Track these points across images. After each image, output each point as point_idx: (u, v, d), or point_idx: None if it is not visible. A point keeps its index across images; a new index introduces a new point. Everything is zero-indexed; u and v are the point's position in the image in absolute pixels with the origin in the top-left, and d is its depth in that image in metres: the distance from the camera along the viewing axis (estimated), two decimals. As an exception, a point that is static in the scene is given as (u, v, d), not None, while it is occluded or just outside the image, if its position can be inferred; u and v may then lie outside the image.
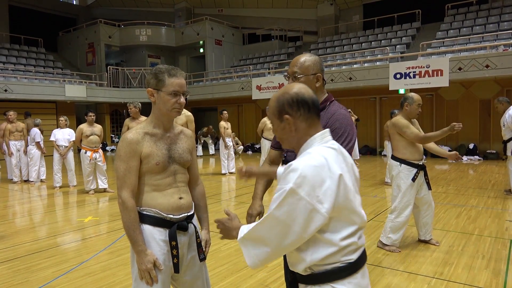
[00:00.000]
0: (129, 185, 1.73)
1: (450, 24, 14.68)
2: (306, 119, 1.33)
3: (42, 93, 15.15)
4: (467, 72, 10.74)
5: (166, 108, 1.78)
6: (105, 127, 18.25)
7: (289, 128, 1.34)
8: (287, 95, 1.34)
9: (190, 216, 1.89)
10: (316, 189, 1.18)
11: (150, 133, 1.81)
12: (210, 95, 16.87)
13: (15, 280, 3.34)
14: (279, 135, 1.40)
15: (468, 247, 3.88)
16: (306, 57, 1.90)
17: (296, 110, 1.32)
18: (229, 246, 4.08)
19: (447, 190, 6.84)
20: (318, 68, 1.89)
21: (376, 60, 13.50)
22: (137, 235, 1.72)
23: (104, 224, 5.25)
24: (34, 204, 6.74)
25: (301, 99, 1.33)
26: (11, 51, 18.21)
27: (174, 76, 1.77)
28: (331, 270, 1.26)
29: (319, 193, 1.18)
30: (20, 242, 4.45)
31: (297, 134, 1.35)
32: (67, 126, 8.09)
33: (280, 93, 1.38)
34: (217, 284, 3.13)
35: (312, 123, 1.34)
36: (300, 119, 1.33)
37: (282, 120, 1.34)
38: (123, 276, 3.34)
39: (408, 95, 3.84)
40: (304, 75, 1.87)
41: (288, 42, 20.41)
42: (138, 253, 1.72)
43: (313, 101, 1.34)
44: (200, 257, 1.90)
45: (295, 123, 1.33)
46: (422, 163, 3.85)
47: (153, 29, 19.93)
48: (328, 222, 1.22)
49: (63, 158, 7.96)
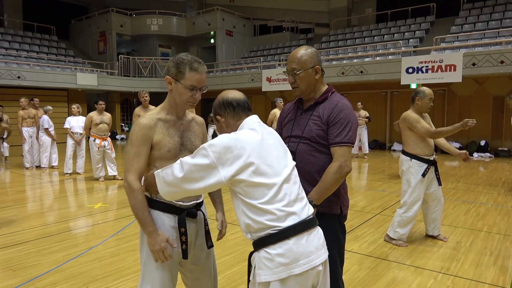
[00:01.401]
0: (136, 169, 1.74)
1: (465, 19, 14.41)
2: (232, 116, 1.66)
3: (54, 80, 15.30)
4: (481, 67, 10.55)
5: (180, 100, 1.79)
6: (115, 116, 18.41)
7: (221, 126, 1.70)
8: (221, 99, 1.69)
9: (199, 204, 1.91)
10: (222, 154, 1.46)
11: (163, 119, 1.82)
12: (220, 86, 16.86)
13: (26, 262, 3.41)
14: (220, 132, 1.68)
15: (476, 243, 3.86)
16: (302, 52, 1.94)
17: (224, 110, 1.67)
18: (236, 236, 4.11)
19: (457, 187, 6.78)
20: (315, 61, 1.93)
21: (388, 53, 13.34)
22: (146, 217, 1.72)
23: (113, 211, 5.32)
24: (45, 189, 6.86)
25: (227, 102, 1.66)
26: (24, 38, 18.38)
27: (195, 71, 1.74)
28: (264, 236, 1.45)
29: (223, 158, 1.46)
30: (31, 226, 4.54)
31: (229, 129, 1.66)
32: (79, 113, 8.17)
33: (219, 97, 1.71)
34: (224, 272, 3.17)
35: (236, 118, 1.66)
36: (229, 116, 1.66)
37: (218, 120, 1.69)
38: (131, 261, 3.40)
39: (420, 89, 3.79)
40: (303, 70, 1.92)
41: (299, 34, 20.26)
42: (150, 234, 1.71)
43: (236, 103, 1.66)
44: (208, 244, 1.92)
45: (227, 119, 1.67)
46: (433, 158, 3.81)
47: (164, 19, 19.92)
48: (244, 189, 1.46)
49: (78, 145, 8.06)
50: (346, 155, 1.86)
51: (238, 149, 1.47)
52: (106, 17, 19.78)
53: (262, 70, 15.43)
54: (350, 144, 1.87)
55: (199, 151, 1.51)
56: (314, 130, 1.91)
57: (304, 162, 1.92)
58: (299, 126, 1.98)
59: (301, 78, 1.93)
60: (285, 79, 14.13)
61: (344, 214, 2.00)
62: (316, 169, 1.91)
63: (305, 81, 1.94)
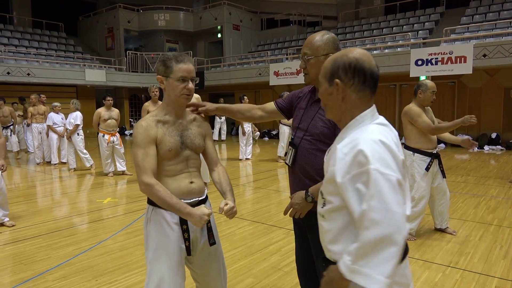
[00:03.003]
0: (148, 169, 1.73)
1: (476, 9, 14.14)
2: (358, 90, 1.22)
3: (63, 77, 15.43)
4: (492, 59, 10.37)
5: (175, 94, 1.80)
6: (123, 112, 18.52)
7: (337, 95, 1.24)
8: (345, 58, 1.23)
9: (202, 200, 1.91)
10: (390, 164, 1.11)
11: (162, 120, 1.83)
12: (227, 80, 16.84)
13: (37, 256, 3.47)
14: (325, 100, 1.29)
15: (486, 237, 3.82)
16: (318, 37, 1.79)
17: (351, 78, 1.21)
18: (243, 230, 4.13)
19: (467, 180, 6.70)
20: (330, 48, 1.76)
21: (397, 46, 13.17)
22: (177, 202, 1.70)
23: (122, 205, 5.37)
24: (55, 185, 6.95)
25: (360, 68, 1.21)
26: (33, 35, 18.55)
27: (182, 62, 1.78)
28: None
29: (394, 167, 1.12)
30: (42, 220, 4.60)
31: (345, 104, 1.24)
32: (77, 109, 8.17)
33: (339, 54, 1.26)
34: (231, 266, 3.18)
35: (363, 97, 1.23)
36: (351, 88, 1.22)
37: (332, 84, 1.24)
38: (140, 255, 3.43)
39: (422, 82, 3.76)
40: (314, 56, 1.78)
41: (307, 27, 20.09)
42: (190, 215, 1.70)
43: (372, 73, 1.22)
44: (210, 241, 1.90)
45: (345, 91, 1.22)
46: (436, 151, 3.78)
47: (171, 14, 19.91)
48: None
49: (68, 141, 8.11)
50: None
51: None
52: (114, 13, 19.84)
53: (270, 64, 15.36)
54: None
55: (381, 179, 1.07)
56: (319, 127, 1.77)
57: (305, 161, 1.80)
58: (306, 119, 1.85)
59: (311, 65, 1.80)
60: (293, 73, 14.07)
61: None
62: (316, 170, 1.76)
63: (315, 69, 1.77)
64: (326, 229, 1.26)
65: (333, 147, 1.27)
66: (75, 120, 8.02)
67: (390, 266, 1.04)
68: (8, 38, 17.03)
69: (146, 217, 1.90)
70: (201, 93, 13.99)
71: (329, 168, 1.21)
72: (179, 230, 1.82)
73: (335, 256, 1.23)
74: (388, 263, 1.04)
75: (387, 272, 1.04)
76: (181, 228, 1.82)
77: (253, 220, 4.48)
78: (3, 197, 4.42)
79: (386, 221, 1.04)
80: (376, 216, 1.04)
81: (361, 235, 1.08)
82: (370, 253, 1.05)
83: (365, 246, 1.06)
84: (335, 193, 1.19)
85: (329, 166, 1.23)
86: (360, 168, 1.10)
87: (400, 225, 1.04)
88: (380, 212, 1.04)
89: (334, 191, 1.19)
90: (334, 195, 1.20)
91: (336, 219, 1.22)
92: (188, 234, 1.82)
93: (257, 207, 5.10)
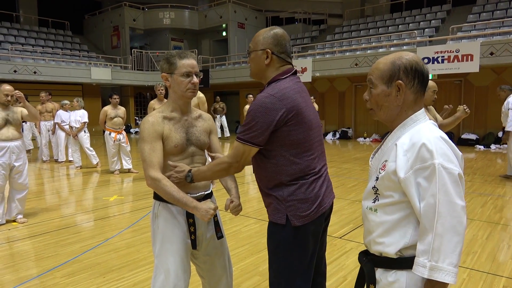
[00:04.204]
0: (155, 164, 1.76)
1: (483, 7, 14.03)
2: (416, 92, 1.27)
3: (69, 75, 15.52)
4: (499, 57, 10.28)
5: (180, 89, 1.82)
6: (129, 110, 18.60)
7: (396, 96, 1.27)
8: (405, 61, 1.26)
9: (207, 195, 1.93)
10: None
11: (168, 117, 1.85)
12: (232, 79, 16.84)
13: (45, 253, 3.50)
14: (380, 101, 1.30)
15: (493, 236, 3.80)
16: (262, 32, 1.73)
17: (411, 79, 1.25)
18: (249, 228, 4.14)
19: (473, 179, 6.66)
20: (269, 43, 1.68)
21: (403, 44, 13.10)
22: (183, 196, 1.73)
23: (128, 203, 5.40)
24: (62, 182, 7.00)
25: (420, 70, 1.25)
26: (39, 34, 18.66)
27: (185, 58, 1.82)
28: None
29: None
30: (49, 218, 4.64)
31: (402, 105, 1.28)
32: (81, 107, 8.20)
33: (395, 56, 1.28)
34: (237, 264, 3.19)
35: (419, 98, 1.28)
36: (412, 90, 1.26)
37: (391, 85, 1.26)
38: (147, 253, 3.45)
39: None
40: (253, 50, 1.73)
41: (312, 26, 20.04)
42: (196, 209, 1.72)
43: (426, 75, 1.28)
44: (218, 235, 1.94)
45: (406, 92, 1.26)
46: None
47: (176, 12, 19.94)
48: None
49: (74, 139, 8.16)
50: (238, 153, 1.63)
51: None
52: (119, 12, 19.91)
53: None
54: (245, 142, 1.60)
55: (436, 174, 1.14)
56: None
57: (254, 168, 1.76)
58: None
59: (251, 59, 1.75)
60: (298, 71, 14.02)
61: (294, 225, 1.60)
62: (264, 178, 1.69)
63: (254, 63, 1.74)
64: (378, 221, 1.30)
65: (388, 144, 1.31)
66: (82, 118, 8.07)
67: (456, 255, 1.12)
68: (14, 37, 17.15)
69: (153, 212, 1.92)
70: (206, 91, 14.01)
71: (388, 164, 1.25)
72: (185, 225, 1.85)
73: (385, 248, 1.27)
74: (454, 253, 1.12)
75: (455, 261, 1.12)
76: (187, 222, 1.84)
77: (258, 218, 4.49)
78: (25, 193, 4.49)
79: (450, 213, 1.12)
80: (442, 209, 1.12)
81: (428, 229, 1.14)
82: (440, 246, 1.12)
83: (435, 240, 1.12)
84: (394, 188, 1.24)
85: (387, 162, 1.27)
86: (423, 163, 1.16)
87: (462, 216, 1.13)
88: (445, 205, 1.12)
89: (393, 186, 1.24)
90: (393, 190, 1.24)
91: (393, 213, 1.26)
92: (194, 228, 1.85)
93: (262, 205, 5.09)
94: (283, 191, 1.63)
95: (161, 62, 1.88)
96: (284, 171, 1.62)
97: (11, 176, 4.35)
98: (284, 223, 1.62)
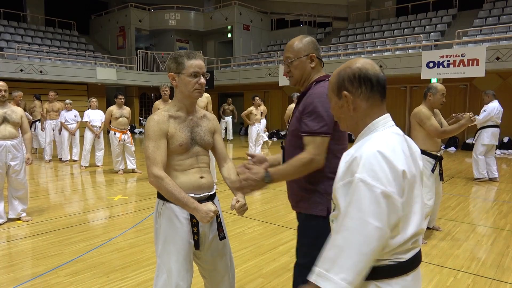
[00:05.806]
0: (158, 161, 1.77)
1: (489, 11, 13.97)
2: (367, 98, 1.21)
3: (74, 75, 15.59)
4: (505, 62, 10.23)
5: (187, 90, 1.83)
6: (133, 110, 18.65)
7: (347, 107, 1.23)
8: (349, 70, 1.23)
9: (211, 196, 1.94)
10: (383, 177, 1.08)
11: (173, 116, 1.86)
12: (237, 80, 16.86)
13: (49, 251, 3.52)
14: (337, 114, 1.29)
15: (498, 242, 3.77)
16: (297, 41, 1.85)
17: (357, 87, 1.21)
18: (252, 230, 4.13)
19: (478, 184, 6.62)
20: (310, 48, 1.82)
21: (409, 48, 13.06)
22: (185, 196, 1.74)
23: (132, 203, 5.42)
24: (66, 181, 7.03)
25: (365, 76, 1.20)
26: (46, 33, 18.78)
27: (193, 58, 1.82)
28: (379, 268, 1.13)
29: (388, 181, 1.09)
30: (53, 217, 4.66)
31: (356, 114, 1.23)
32: (97, 107, 8.30)
33: (342, 67, 1.26)
34: (240, 266, 3.19)
35: (374, 104, 1.22)
36: (360, 97, 1.21)
37: (341, 97, 1.24)
38: (150, 253, 3.46)
39: (432, 84, 3.81)
40: (296, 58, 1.83)
41: (317, 28, 20.03)
42: (196, 210, 1.74)
43: (378, 79, 1.21)
44: (220, 236, 1.95)
45: (354, 101, 1.21)
46: (440, 154, 3.83)
47: (182, 13, 20.01)
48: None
49: (97, 138, 8.22)
50: (317, 145, 1.68)
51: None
52: (125, 12, 20.00)
53: (279, 64, 15.34)
54: (321, 134, 1.68)
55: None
56: (293, 123, 1.82)
57: (288, 158, 1.80)
58: (291, 121, 1.89)
59: (295, 67, 1.84)
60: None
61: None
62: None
63: (298, 70, 1.84)
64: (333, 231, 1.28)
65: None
66: (102, 118, 8.16)
67: (353, 274, 1.04)
68: (21, 36, 17.26)
69: (156, 211, 1.93)
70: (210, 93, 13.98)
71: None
72: (188, 225, 1.85)
73: None
74: (352, 271, 1.04)
75: (350, 279, 1.04)
76: (190, 222, 1.84)
77: (262, 220, 4.48)
78: (24, 192, 4.49)
79: (358, 231, 1.05)
80: (349, 223, 1.06)
81: (331, 239, 1.10)
82: (336, 258, 1.06)
83: (332, 250, 1.08)
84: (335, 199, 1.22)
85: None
86: (351, 177, 1.10)
87: (371, 237, 1.04)
88: (355, 221, 1.05)
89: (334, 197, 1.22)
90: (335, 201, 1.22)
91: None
92: (197, 228, 1.85)
93: (266, 208, 5.11)
94: (325, 184, 1.72)
95: (168, 61, 1.89)
96: (328, 165, 1.71)
97: (9, 174, 4.35)
98: (325, 215, 1.71)
